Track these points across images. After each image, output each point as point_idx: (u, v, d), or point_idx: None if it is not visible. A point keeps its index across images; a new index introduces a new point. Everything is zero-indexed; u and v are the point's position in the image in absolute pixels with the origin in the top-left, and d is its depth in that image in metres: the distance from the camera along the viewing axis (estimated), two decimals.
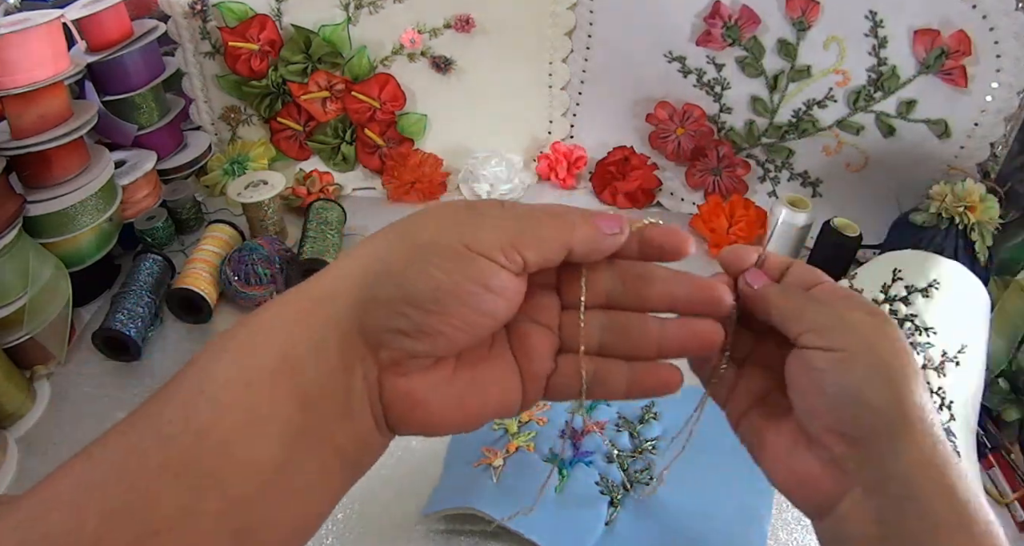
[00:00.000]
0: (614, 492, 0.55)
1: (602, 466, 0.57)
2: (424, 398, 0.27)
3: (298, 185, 0.94)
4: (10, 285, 0.65)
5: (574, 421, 0.61)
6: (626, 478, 0.56)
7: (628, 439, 0.60)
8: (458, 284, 0.25)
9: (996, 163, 0.76)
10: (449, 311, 0.25)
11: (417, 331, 0.26)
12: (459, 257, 0.26)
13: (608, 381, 0.31)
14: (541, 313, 0.31)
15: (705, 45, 0.84)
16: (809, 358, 0.30)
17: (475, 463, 0.57)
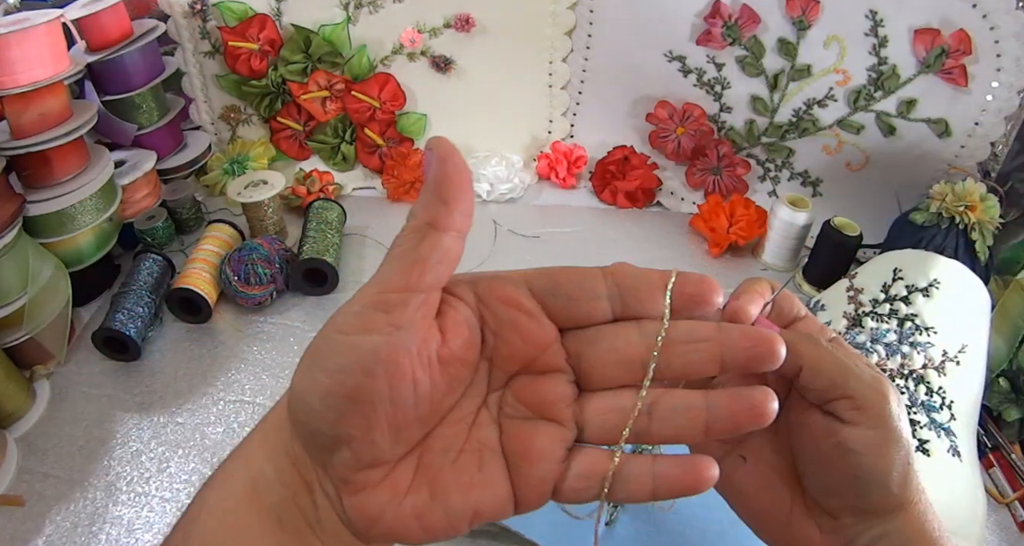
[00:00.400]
0: None
1: None
2: (379, 514, 0.25)
3: (298, 185, 0.94)
4: (10, 285, 0.65)
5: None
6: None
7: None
8: (335, 378, 0.24)
9: (996, 162, 0.76)
10: (345, 411, 0.24)
11: (333, 443, 0.24)
12: (330, 345, 0.24)
13: (631, 480, 0.26)
14: (548, 406, 0.27)
15: (705, 44, 0.84)
16: (846, 436, 0.28)
17: None
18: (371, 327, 0.23)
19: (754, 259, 0.86)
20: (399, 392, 0.24)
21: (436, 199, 0.24)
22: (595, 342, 0.27)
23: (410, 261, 0.24)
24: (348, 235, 0.89)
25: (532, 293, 0.26)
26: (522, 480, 0.26)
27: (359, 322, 0.24)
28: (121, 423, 0.66)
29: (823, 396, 0.29)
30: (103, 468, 0.61)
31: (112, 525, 0.57)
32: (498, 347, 0.26)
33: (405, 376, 0.24)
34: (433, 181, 0.24)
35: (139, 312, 0.72)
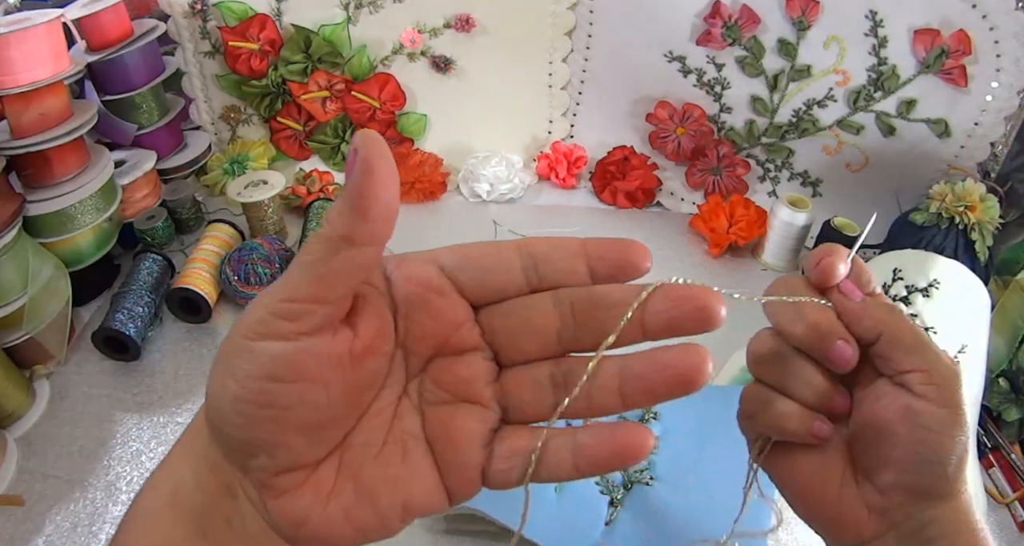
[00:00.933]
0: (614, 492, 0.55)
1: None
2: (304, 517, 0.24)
3: (298, 185, 0.94)
4: (10, 285, 0.65)
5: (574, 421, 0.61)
6: (626, 478, 0.56)
7: None
8: (244, 385, 0.22)
9: (996, 163, 0.76)
10: (257, 419, 0.23)
11: (250, 448, 0.23)
12: (237, 354, 0.23)
13: (550, 457, 0.24)
14: (466, 386, 0.25)
15: (705, 45, 0.84)
16: (918, 409, 0.28)
17: None
18: (276, 334, 0.22)
19: (754, 259, 0.86)
20: (309, 396, 0.23)
21: (352, 210, 0.22)
22: (509, 315, 0.25)
23: (319, 274, 0.22)
24: None
25: (443, 271, 0.25)
26: (449, 468, 0.25)
27: (264, 329, 0.22)
28: (121, 423, 0.66)
29: (898, 366, 0.29)
30: (103, 468, 0.61)
31: (112, 525, 0.57)
32: (410, 330, 0.25)
33: (315, 380, 0.23)
34: (350, 187, 0.22)
35: (139, 312, 0.72)
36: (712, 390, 0.64)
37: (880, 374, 0.30)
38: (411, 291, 0.25)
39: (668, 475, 0.57)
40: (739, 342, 0.70)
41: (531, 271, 0.25)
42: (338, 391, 0.23)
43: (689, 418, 0.61)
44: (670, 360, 0.23)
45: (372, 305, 0.24)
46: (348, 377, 0.24)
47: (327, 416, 0.24)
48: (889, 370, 0.29)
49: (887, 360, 0.29)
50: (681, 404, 0.65)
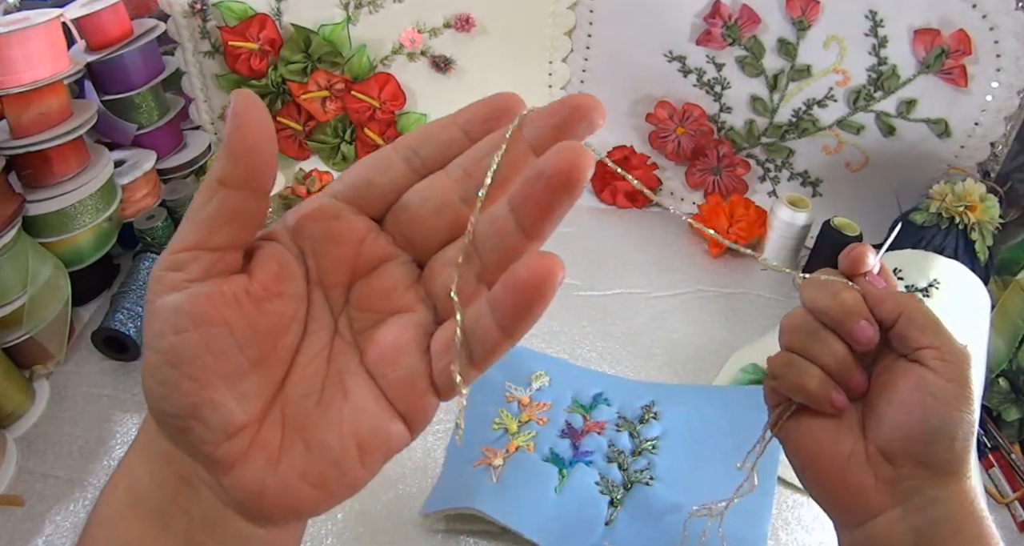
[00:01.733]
0: (614, 492, 0.55)
1: (602, 466, 0.57)
2: (260, 485, 0.23)
3: (298, 184, 0.94)
4: (9, 285, 0.65)
5: (574, 421, 0.61)
6: (626, 478, 0.56)
7: (628, 439, 0.60)
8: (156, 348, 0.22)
9: (996, 163, 0.76)
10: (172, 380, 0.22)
11: (183, 422, 0.23)
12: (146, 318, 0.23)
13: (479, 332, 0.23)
14: (387, 298, 0.24)
15: (705, 45, 0.84)
16: (929, 380, 0.31)
17: (475, 463, 0.57)
18: (169, 287, 0.22)
19: (754, 260, 0.86)
20: (214, 340, 0.22)
21: (225, 155, 0.22)
22: (408, 205, 0.24)
23: (199, 220, 0.23)
24: None
25: (335, 197, 0.25)
26: (395, 390, 0.24)
27: (159, 286, 0.23)
28: (121, 423, 0.66)
29: (914, 343, 0.32)
30: (103, 468, 0.61)
31: None
32: (320, 265, 0.25)
33: (214, 321, 0.22)
34: (225, 136, 0.22)
35: (139, 312, 0.72)
36: (712, 390, 0.65)
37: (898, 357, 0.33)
38: (310, 227, 0.25)
39: (668, 475, 0.57)
40: (738, 343, 0.70)
41: (413, 158, 0.24)
42: (243, 332, 0.23)
43: (690, 418, 0.61)
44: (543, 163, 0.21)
45: (267, 252, 0.24)
46: (250, 317, 0.23)
47: (242, 361, 0.23)
48: (906, 348, 0.32)
49: (904, 338, 0.32)
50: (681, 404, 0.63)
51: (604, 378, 0.67)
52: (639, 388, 0.66)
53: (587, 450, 0.58)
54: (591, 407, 0.63)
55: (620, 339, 0.73)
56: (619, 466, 0.57)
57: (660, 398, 0.64)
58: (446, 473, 0.59)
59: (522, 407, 0.63)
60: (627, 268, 0.83)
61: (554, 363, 0.68)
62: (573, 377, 0.67)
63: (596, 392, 0.65)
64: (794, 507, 0.57)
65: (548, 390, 0.65)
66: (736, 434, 0.58)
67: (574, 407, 0.63)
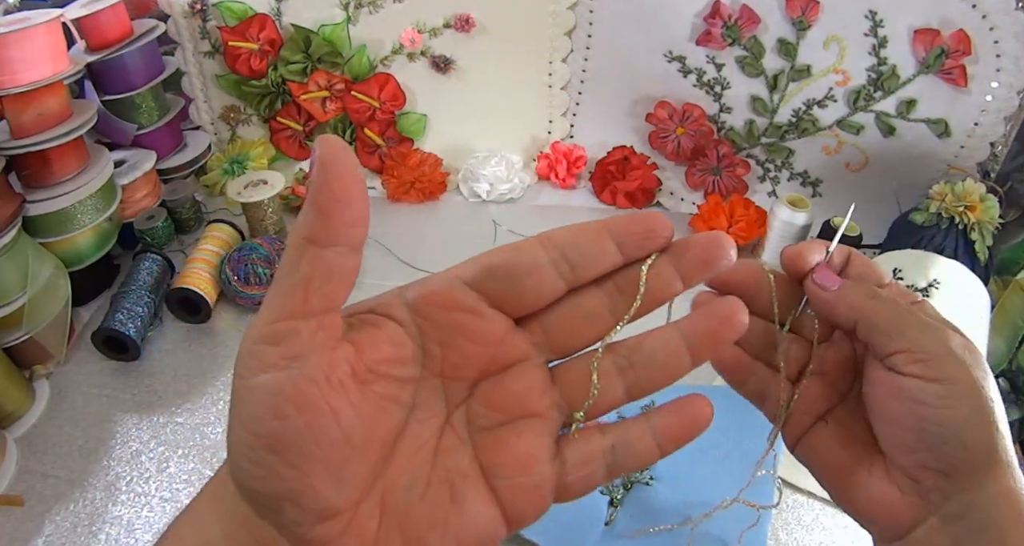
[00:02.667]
0: (614, 492, 0.55)
1: None
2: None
3: (298, 185, 0.94)
4: (9, 285, 0.65)
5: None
6: (626, 478, 0.56)
7: None
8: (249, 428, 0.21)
9: (996, 163, 0.76)
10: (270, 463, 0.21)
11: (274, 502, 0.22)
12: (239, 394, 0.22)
13: (634, 445, 0.25)
14: (521, 401, 0.24)
15: (705, 45, 0.84)
16: (908, 387, 0.28)
17: None
18: (267, 364, 0.21)
19: (754, 259, 0.86)
20: (319, 428, 0.21)
21: (313, 210, 0.21)
22: (555, 310, 0.24)
23: (291, 284, 0.21)
24: None
25: (469, 287, 0.24)
26: (515, 493, 0.23)
27: (254, 362, 0.21)
28: (121, 423, 0.66)
29: (881, 349, 0.28)
30: (103, 468, 0.61)
31: (112, 525, 0.57)
32: (447, 356, 0.24)
33: (320, 408, 0.21)
34: (312, 189, 0.21)
35: (139, 312, 0.72)
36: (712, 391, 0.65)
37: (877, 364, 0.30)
38: (440, 315, 0.23)
39: (667, 475, 0.57)
40: None
41: (561, 263, 0.23)
42: (349, 420, 0.22)
43: None
44: (720, 311, 0.24)
45: (381, 333, 0.23)
46: (356, 401, 0.22)
47: (346, 450, 0.22)
48: (876, 354, 0.29)
49: (871, 346, 0.29)
50: None
51: None
52: None
53: None
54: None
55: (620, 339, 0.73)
56: None
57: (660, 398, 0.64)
58: None
59: None
60: None
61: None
62: None
63: None
64: (794, 507, 0.57)
65: None
66: (736, 434, 0.58)
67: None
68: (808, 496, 0.58)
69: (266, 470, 0.21)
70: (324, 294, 0.21)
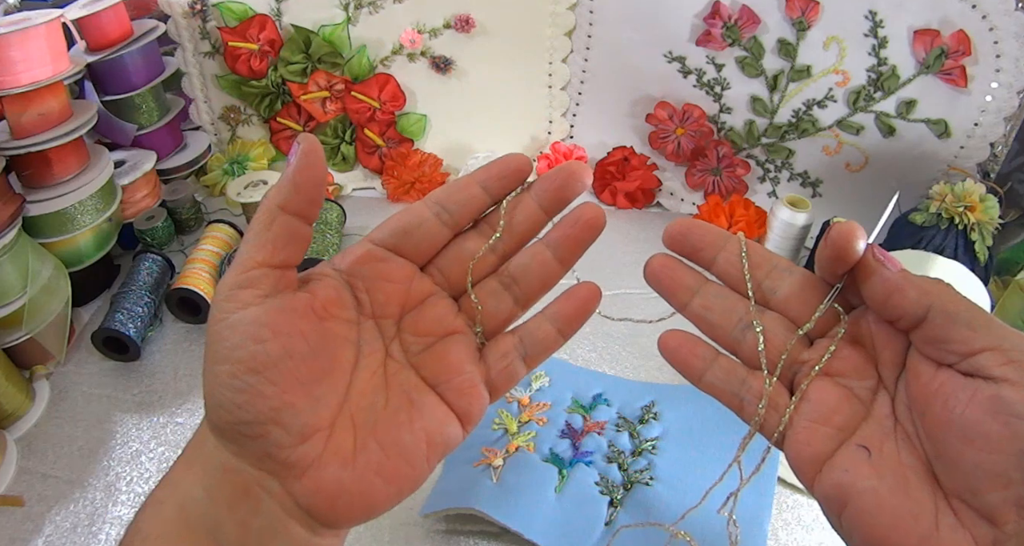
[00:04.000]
0: (614, 492, 0.55)
1: (602, 466, 0.57)
2: (337, 485, 0.25)
3: None
4: (9, 285, 0.65)
5: (574, 421, 0.61)
6: (626, 478, 0.56)
7: (628, 439, 0.60)
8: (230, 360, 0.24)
9: (996, 163, 0.76)
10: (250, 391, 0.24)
11: (259, 427, 0.24)
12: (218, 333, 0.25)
13: (537, 334, 0.30)
14: (439, 323, 0.30)
15: (705, 45, 0.84)
16: (1007, 398, 0.21)
17: (475, 463, 0.57)
18: (243, 303, 0.25)
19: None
20: (293, 346, 0.25)
21: (289, 184, 0.27)
22: (446, 254, 0.31)
23: (262, 240, 0.26)
24: (348, 235, 0.89)
25: (377, 245, 0.30)
26: (456, 394, 0.28)
27: (231, 304, 0.25)
28: (121, 423, 0.66)
29: (964, 347, 0.22)
30: (103, 468, 0.61)
31: (112, 525, 0.57)
32: (374, 299, 0.29)
33: (291, 331, 0.25)
34: (291, 168, 0.27)
35: (139, 312, 0.72)
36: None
37: (938, 370, 0.24)
38: (361, 268, 0.29)
39: (668, 476, 0.57)
40: None
41: (442, 213, 0.30)
42: (314, 342, 0.26)
43: (689, 418, 0.61)
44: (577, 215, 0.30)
45: (324, 282, 0.28)
46: (319, 330, 0.26)
47: (314, 367, 0.26)
48: (951, 356, 0.23)
49: (945, 342, 0.23)
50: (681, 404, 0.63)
51: (604, 378, 0.67)
52: (639, 388, 0.66)
53: (587, 450, 0.58)
54: (591, 407, 0.64)
55: (620, 339, 0.73)
56: (619, 466, 0.57)
57: (660, 398, 0.64)
58: (446, 474, 0.59)
59: (522, 407, 0.63)
60: (627, 268, 0.83)
61: (554, 364, 0.68)
62: (573, 377, 0.67)
63: (596, 392, 0.65)
64: (794, 507, 0.57)
65: (548, 390, 0.65)
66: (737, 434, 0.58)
67: (574, 407, 0.63)
68: (808, 496, 0.58)
69: (249, 394, 0.24)
70: (287, 251, 0.26)
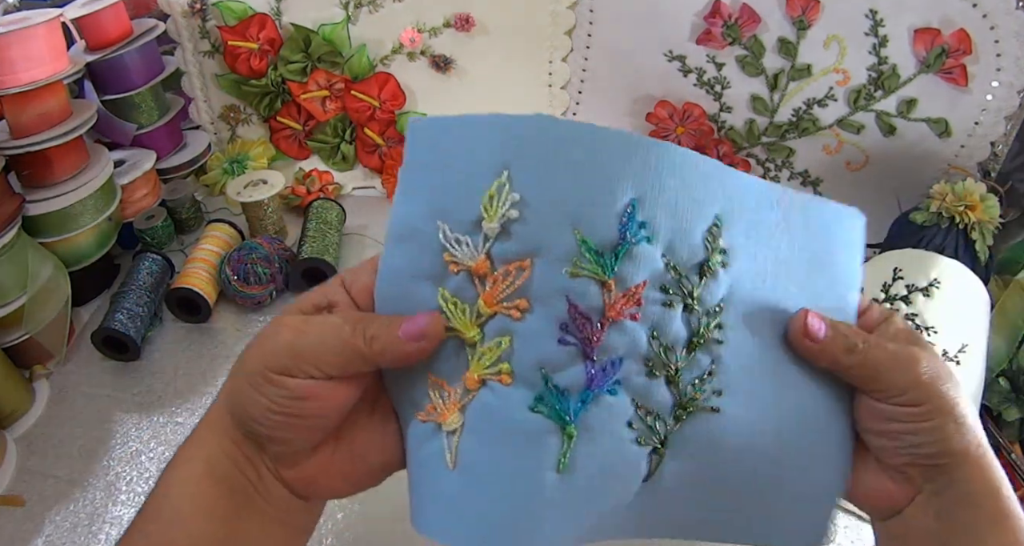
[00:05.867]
0: (658, 433, 0.31)
1: (638, 384, 0.30)
2: (314, 478, 0.33)
3: (297, 184, 0.94)
4: (9, 285, 0.65)
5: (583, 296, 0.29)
6: (678, 397, 0.31)
7: (682, 316, 0.30)
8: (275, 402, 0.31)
9: (996, 162, 0.76)
10: (283, 424, 0.31)
11: (272, 439, 0.32)
12: (266, 381, 0.31)
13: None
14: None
15: (705, 44, 0.84)
16: (890, 412, 0.32)
17: (419, 414, 0.32)
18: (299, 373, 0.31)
19: None
20: (325, 415, 0.32)
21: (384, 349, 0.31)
22: None
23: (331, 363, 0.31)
24: (348, 235, 0.89)
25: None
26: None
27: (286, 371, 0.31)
28: (121, 423, 0.66)
29: (867, 390, 0.33)
30: (103, 468, 0.61)
31: (112, 525, 0.57)
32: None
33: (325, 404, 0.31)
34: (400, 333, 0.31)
35: (139, 312, 0.72)
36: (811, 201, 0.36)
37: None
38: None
39: (745, 382, 0.32)
40: None
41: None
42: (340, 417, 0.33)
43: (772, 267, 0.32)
44: None
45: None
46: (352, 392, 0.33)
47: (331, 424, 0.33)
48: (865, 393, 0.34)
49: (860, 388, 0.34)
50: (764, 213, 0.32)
51: (632, 166, 0.28)
52: (699, 186, 0.30)
53: (612, 360, 0.29)
54: (617, 254, 0.28)
55: None
56: (667, 378, 0.30)
57: (728, 210, 0.31)
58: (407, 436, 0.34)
59: (478, 280, 0.30)
60: None
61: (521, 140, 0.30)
62: (563, 170, 0.29)
63: (621, 205, 0.28)
64: None
65: (523, 223, 0.29)
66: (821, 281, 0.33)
67: (580, 258, 0.28)
68: None
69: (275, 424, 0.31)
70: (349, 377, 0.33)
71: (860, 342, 0.33)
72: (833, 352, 0.33)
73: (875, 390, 0.33)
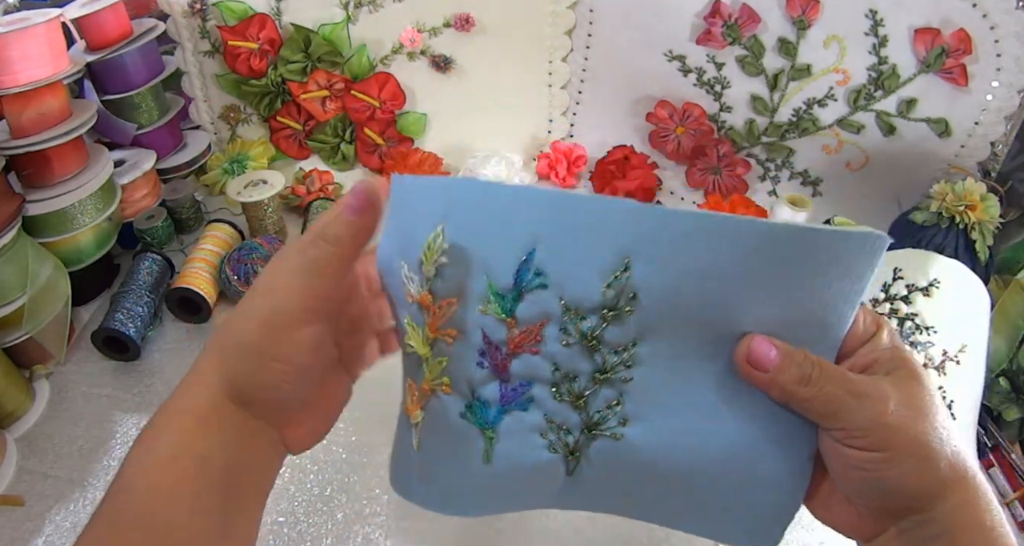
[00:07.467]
0: (569, 444, 0.35)
1: (547, 403, 0.34)
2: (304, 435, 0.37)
3: (298, 184, 0.94)
4: (9, 285, 0.65)
5: (492, 330, 0.33)
6: (585, 419, 0.34)
7: (582, 353, 0.33)
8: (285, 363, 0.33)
9: (996, 162, 0.76)
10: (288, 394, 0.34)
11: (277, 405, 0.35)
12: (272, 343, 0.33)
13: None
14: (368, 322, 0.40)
15: (705, 44, 0.84)
16: (851, 456, 0.29)
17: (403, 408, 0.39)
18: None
19: None
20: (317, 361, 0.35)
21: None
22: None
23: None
24: None
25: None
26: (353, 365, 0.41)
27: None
28: (121, 423, 0.66)
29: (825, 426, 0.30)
30: (103, 468, 0.61)
31: None
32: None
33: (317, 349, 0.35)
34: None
35: (139, 312, 0.72)
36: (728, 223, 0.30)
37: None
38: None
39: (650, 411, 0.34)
40: None
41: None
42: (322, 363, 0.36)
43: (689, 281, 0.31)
44: None
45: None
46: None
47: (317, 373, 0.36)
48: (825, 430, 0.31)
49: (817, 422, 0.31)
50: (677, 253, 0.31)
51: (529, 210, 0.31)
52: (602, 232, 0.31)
53: (521, 383, 0.34)
54: (515, 296, 0.32)
55: None
56: (572, 403, 0.34)
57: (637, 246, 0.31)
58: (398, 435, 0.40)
59: (425, 310, 0.35)
60: None
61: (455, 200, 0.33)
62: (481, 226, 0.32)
63: (519, 258, 0.32)
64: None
65: (451, 267, 0.33)
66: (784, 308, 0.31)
67: (489, 299, 0.33)
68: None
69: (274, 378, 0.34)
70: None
71: (816, 373, 0.29)
72: (782, 383, 0.29)
73: (834, 428, 0.29)
